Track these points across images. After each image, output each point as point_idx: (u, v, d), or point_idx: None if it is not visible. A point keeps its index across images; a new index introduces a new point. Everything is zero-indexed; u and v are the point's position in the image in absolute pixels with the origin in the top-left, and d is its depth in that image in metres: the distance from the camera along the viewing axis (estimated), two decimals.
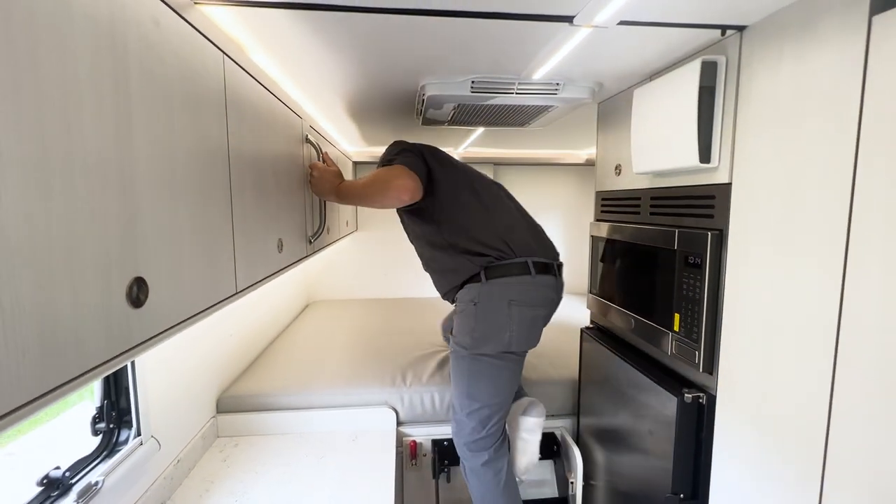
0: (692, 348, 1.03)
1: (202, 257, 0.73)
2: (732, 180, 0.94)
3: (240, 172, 0.92)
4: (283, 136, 1.28)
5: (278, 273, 1.19)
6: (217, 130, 0.81)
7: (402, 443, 1.64)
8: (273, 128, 1.18)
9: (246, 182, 0.96)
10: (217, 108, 0.81)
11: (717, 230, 0.98)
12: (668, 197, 1.16)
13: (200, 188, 0.73)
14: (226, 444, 1.53)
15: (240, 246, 0.90)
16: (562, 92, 1.29)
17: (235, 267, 0.88)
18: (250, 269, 0.97)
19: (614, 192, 1.46)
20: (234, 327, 1.82)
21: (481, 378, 1.32)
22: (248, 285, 0.94)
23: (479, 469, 1.36)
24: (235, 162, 0.89)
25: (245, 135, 0.96)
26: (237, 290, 0.88)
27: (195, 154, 0.72)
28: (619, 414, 1.37)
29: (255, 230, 1.02)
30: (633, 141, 1.21)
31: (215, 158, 0.80)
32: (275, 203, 1.18)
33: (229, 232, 0.85)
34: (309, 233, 1.55)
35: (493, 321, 1.31)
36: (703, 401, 1.03)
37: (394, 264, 3.27)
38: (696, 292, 1.02)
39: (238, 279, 0.89)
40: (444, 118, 1.58)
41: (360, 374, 1.78)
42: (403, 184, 1.30)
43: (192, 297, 0.69)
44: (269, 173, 1.13)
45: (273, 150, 1.18)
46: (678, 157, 1.03)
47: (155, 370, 1.23)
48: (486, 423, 1.33)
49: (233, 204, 0.87)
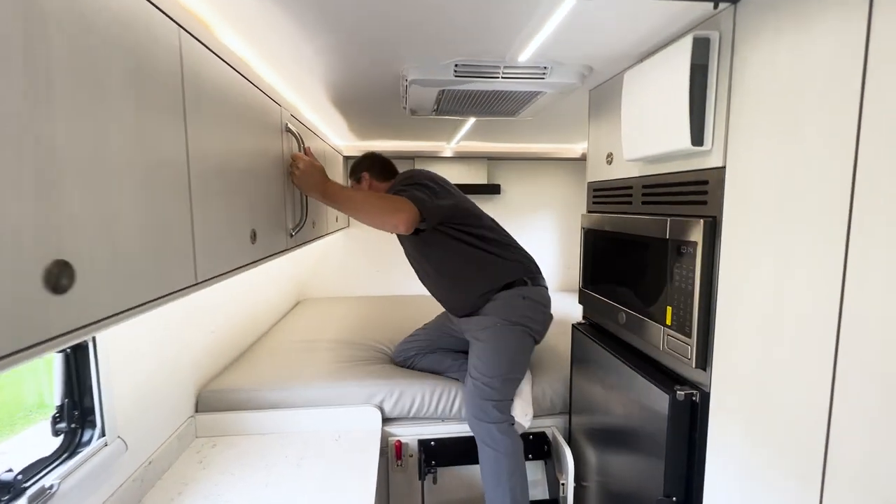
0: (685, 343, 0.98)
1: (148, 243, 0.68)
2: (726, 164, 0.89)
3: (202, 157, 0.86)
4: (259, 123, 1.22)
5: (251, 265, 1.13)
6: (169, 110, 0.75)
7: (387, 443, 1.58)
8: (245, 114, 1.12)
9: (210, 168, 0.90)
10: (169, 86, 0.75)
11: (710, 217, 0.92)
12: (659, 185, 1.11)
13: (147, 170, 0.68)
14: (204, 444, 1.47)
15: (201, 234, 0.85)
16: (550, 76, 1.24)
17: (195, 256, 0.82)
18: (215, 260, 0.91)
19: (606, 183, 1.40)
20: (217, 323, 1.77)
21: (523, 352, 1.57)
22: (210, 276, 0.88)
23: (508, 430, 1.46)
24: (196, 146, 0.83)
25: (208, 118, 0.90)
26: (197, 281, 0.82)
27: (137, 133, 0.66)
28: (611, 412, 1.32)
29: (221, 219, 0.96)
30: (624, 126, 1.15)
31: (166, 140, 0.74)
32: (247, 193, 1.12)
33: (187, 219, 0.80)
34: (290, 225, 1.49)
35: (537, 312, 1.59)
36: (696, 398, 0.98)
37: (386, 262, 3.21)
38: (688, 283, 0.96)
39: (198, 269, 0.83)
40: (430, 106, 1.52)
41: (347, 371, 1.73)
42: (406, 217, 1.42)
43: (134, 286, 0.64)
44: (241, 161, 1.07)
45: (245, 136, 1.12)
46: (669, 141, 0.98)
47: (124, 367, 1.17)
48: (513, 389, 1.54)
49: (192, 190, 0.81)
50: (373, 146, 2.85)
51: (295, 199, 1.53)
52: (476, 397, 1.48)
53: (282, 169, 1.41)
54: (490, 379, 1.50)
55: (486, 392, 1.48)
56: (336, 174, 2.56)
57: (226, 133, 1.00)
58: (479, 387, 1.49)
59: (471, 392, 1.50)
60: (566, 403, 1.66)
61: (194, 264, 0.82)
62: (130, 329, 1.20)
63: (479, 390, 1.48)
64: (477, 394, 1.48)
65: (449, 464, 1.61)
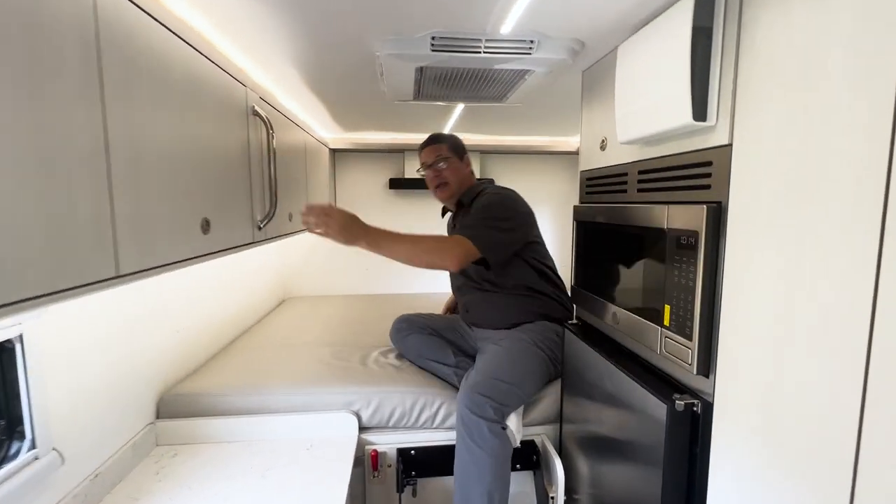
0: (685, 346, 0.86)
1: (41, 235, 0.56)
2: (733, 141, 0.77)
3: (130, 141, 0.75)
4: (217, 104, 1.11)
5: (203, 257, 1.02)
6: (77, 85, 0.64)
7: (364, 452, 1.47)
8: (198, 93, 1.01)
9: (143, 153, 0.79)
10: (75, 55, 0.64)
11: (714, 203, 0.81)
12: (657, 169, 0.99)
13: (41, 157, 0.57)
14: (164, 454, 1.36)
15: (127, 224, 0.73)
16: (537, 51, 1.13)
17: (116, 248, 0.71)
18: (147, 250, 0.80)
19: (599, 171, 1.29)
20: (185, 323, 1.65)
21: (538, 375, 1.51)
22: (140, 269, 0.77)
23: (500, 432, 1.35)
24: (121, 129, 0.72)
25: (141, 96, 0.79)
26: (119, 274, 0.71)
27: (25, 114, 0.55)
28: (604, 421, 1.20)
29: (160, 208, 0.85)
30: (618, 105, 1.04)
31: (72, 123, 0.63)
32: (200, 180, 1.01)
33: (105, 208, 0.69)
34: (258, 217, 1.38)
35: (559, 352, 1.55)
36: (697, 409, 0.86)
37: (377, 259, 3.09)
38: (689, 279, 0.85)
39: (121, 261, 0.72)
40: (410, 88, 1.41)
41: (324, 374, 1.61)
42: (460, 261, 1.47)
43: (19, 280, 0.53)
44: (191, 146, 0.96)
45: (198, 118, 1.01)
46: (668, 118, 0.86)
47: (64, 370, 1.06)
48: (514, 403, 1.43)
49: (112, 177, 0.70)
50: (361, 138, 2.73)
51: (263, 188, 1.42)
52: (474, 391, 1.37)
53: (247, 155, 1.30)
54: (496, 380, 1.40)
55: (488, 389, 1.38)
56: (321, 166, 2.45)
57: (169, 114, 0.89)
58: (482, 382, 1.39)
59: (471, 385, 1.39)
60: (557, 410, 1.55)
61: (115, 257, 0.71)
62: (72, 328, 1.09)
63: (481, 385, 1.38)
64: (477, 388, 1.37)
65: (430, 474, 1.49)
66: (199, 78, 1.02)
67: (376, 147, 2.79)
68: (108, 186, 0.70)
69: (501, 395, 1.39)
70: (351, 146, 2.76)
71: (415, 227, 3.02)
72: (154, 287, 1.48)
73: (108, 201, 0.70)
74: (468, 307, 1.75)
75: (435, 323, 1.83)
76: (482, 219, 1.52)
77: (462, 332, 1.81)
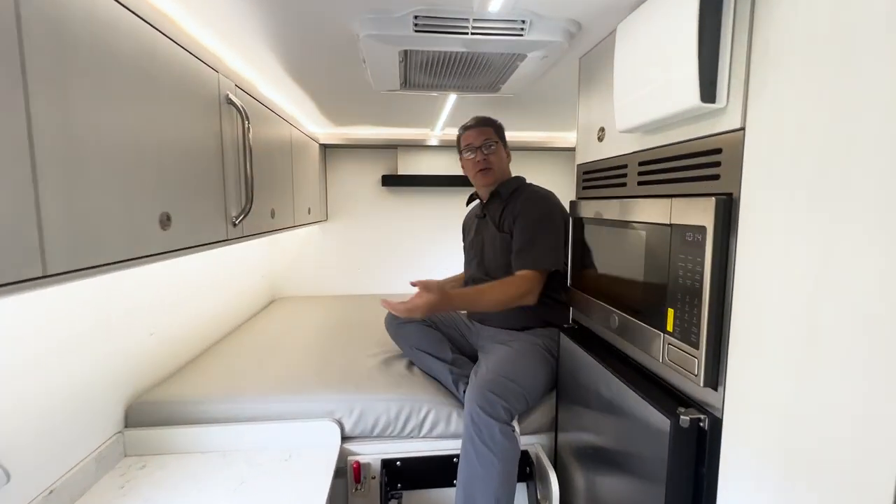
0: (690, 354, 0.78)
1: None
2: (746, 125, 0.69)
3: (62, 131, 0.67)
4: (181, 92, 1.02)
5: (162, 256, 0.93)
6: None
7: (346, 463, 1.38)
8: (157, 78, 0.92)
9: (81, 144, 0.71)
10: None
11: (724, 195, 0.72)
12: (660, 159, 0.91)
13: None
14: (132, 465, 1.27)
15: (57, 221, 0.65)
16: (529, 32, 1.04)
17: (42, 246, 0.62)
18: (87, 248, 0.71)
19: (596, 163, 1.20)
20: (163, 324, 1.57)
21: (544, 382, 1.43)
22: (76, 268, 0.68)
23: (511, 435, 1.28)
24: (49, 118, 0.64)
25: (79, 81, 0.71)
26: (46, 274, 0.62)
27: None
28: (602, 432, 1.12)
29: (105, 198, 0.76)
30: (617, 90, 0.95)
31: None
32: (156, 170, 0.92)
33: (29, 204, 0.60)
34: (233, 213, 1.30)
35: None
36: (704, 424, 0.78)
37: (369, 258, 3.01)
38: (695, 280, 0.76)
39: (48, 260, 0.63)
40: (396, 76, 1.32)
41: (306, 380, 1.53)
42: (536, 294, 1.47)
43: None
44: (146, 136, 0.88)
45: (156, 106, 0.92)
46: (673, 101, 0.78)
47: (13, 378, 0.97)
48: (520, 407, 1.36)
49: (37, 170, 0.62)
50: (352, 133, 2.65)
51: (239, 183, 1.33)
52: (486, 389, 1.28)
53: (220, 147, 1.21)
54: (508, 381, 1.33)
55: (501, 388, 1.30)
56: (310, 162, 2.36)
57: (117, 103, 0.80)
58: (495, 380, 1.31)
59: (483, 383, 1.30)
60: (551, 418, 1.46)
61: (41, 255, 0.62)
62: (21, 332, 1.00)
63: (494, 384, 1.30)
64: (489, 386, 1.29)
65: (417, 486, 1.41)
66: (157, 62, 0.93)
67: (368, 143, 2.70)
68: (32, 181, 0.61)
69: (513, 396, 1.32)
70: (342, 141, 2.67)
71: (407, 226, 2.98)
72: (128, 286, 1.40)
73: (33, 197, 0.61)
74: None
75: (434, 315, 1.74)
76: (534, 237, 1.48)
77: (462, 329, 1.73)
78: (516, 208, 1.56)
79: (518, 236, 1.51)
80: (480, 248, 1.68)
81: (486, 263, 1.64)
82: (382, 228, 2.99)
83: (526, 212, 1.53)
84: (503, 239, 1.57)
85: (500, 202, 1.62)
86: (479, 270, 1.68)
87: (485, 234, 1.66)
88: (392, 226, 3.00)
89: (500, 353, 1.43)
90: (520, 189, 1.62)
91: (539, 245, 1.47)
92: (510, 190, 1.62)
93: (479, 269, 1.68)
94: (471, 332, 1.70)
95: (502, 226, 1.58)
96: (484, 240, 1.66)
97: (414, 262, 3.01)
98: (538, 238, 1.48)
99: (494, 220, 1.62)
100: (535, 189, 1.64)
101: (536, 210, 1.53)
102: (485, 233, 1.66)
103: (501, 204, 1.61)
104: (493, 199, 1.65)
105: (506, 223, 1.57)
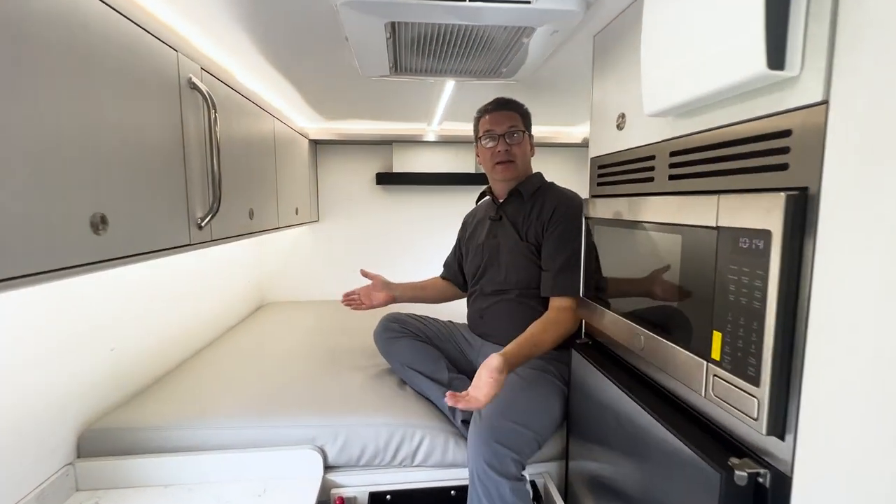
0: (746, 392, 0.61)
1: None
2: (829, 97, 0.52)
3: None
4: (126, 73, 0.86)
5: (95, 266, 0.77)
6: None
7: (328, 497, 1.22)
8: (86, 53, 0.76)
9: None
10: None
11: (796, 190, 0.56)
12: (700, 147, 0.74)
13: None
14: (83, 501, 1.11)
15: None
16: (538, 0, 0.87)
17: None
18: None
19: (616, 156, 1.04)
20: (126, 340, 1.40)
21: (557, 417, 1.25)
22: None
23: (523, 493, 1.10)
24: None
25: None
26: None
27: None
28: (624, 468, 0.95)
29: (16, 191, 0.60)
30: (645, 64, 0.79)
31: None
32: (90, 161, 0.76)
33: None
34: (199, 214, 1.14)
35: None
36: (765, 480, 0.62)
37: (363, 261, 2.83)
38: (754, 297, 0.60)
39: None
40: (384, 56, 1.15)
41: (285, 401, 1.36)
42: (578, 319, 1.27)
43: None
44: (66, 120, 0.71)
45: (86, 87, 0.76)
46: (726, 69, 0.61)
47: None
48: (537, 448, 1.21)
49: None
50: (344, 128, 2.48)
51: (205, 177, 1.17)
52: (492, 440, 1.09)
53: (180, 138, 1.05)
54: (518, 426, 1.14)
55: (510, 438, 1.12)
56: (298, 158, 2.20)
57: (38, 80, 0.65)
58: (502, 428, 1.12)
59: (488, 432, 1.11)
60: (562, 445, 1.30)
61: None
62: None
63: (501, 432, 1.11)
64: (496, 437, 1.10)
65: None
66: (94, 35, 0.77)
67: (361, 138, 2.54)
68: None
69: (524, 444, 1.14)
70: (333, 137, 2.50)
71: (403, 227, 2.81)
72: (86, 297, 1.24)
73: None
74: (483, 314, 1.48)
75: (429, 328, 1.57)
76: (575, 257, 1.24)
77: (461, 345, 1.55)
78: (544, 215, 1.34)
79: (555, 254, 1.30)
80: (494, 254, 1.45)
81: (502, 275, 1.42)
82: (377, 230, 2.82)
83: (562, 225, 1.31)
84: (527, 249, 1.36)
85: (519, 203, 1.42)
86: (489, 281, 1.46)
87: (501, 239, 1.44)
88: (387, 227, 2.83)
89: (506, 388, 1.15)
90: (542, 189, 1.41)
91: (580, 269, 1.22)
92: (532, 190, 1.41)
93: (488, 279, 1.47)
94: (471, 349, 1.52)
95: (526, 234, 1.37)
96: (500, 246, 1.44)
97: (410, 266, 2.84)
98: (580, 261, 1.22)
99: (516, 226, 1.40)
100: (563, 192, 1.42)
101: (574, 225, 1.27)
102: (501, 237, 1.44)
103: (522, 206, 1.41)
104: (512, 198, 1.44)
105: (531, 232, 1.36)
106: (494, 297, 1.45)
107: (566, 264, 1.28)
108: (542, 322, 1.25)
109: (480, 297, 1.50)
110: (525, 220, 1.38)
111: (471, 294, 1.57)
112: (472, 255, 1.54)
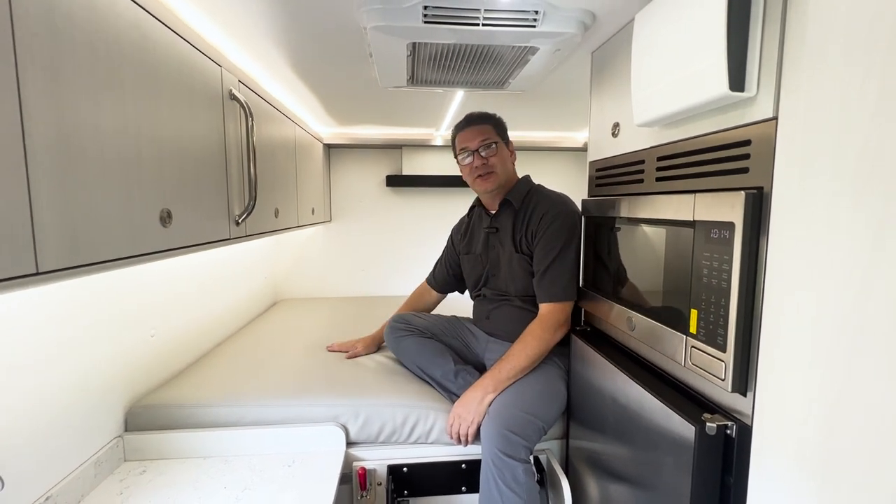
0: (716, 358, 0.74)
1: None
2: (778, 114, 0.65)
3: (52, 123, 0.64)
4: (180, 84, 0.99)
5: (162, 254, 0.90)
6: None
7: (351, 469, 1.34)
8: (154, 71, 0.89)
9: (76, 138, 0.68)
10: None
11: (754, 189, 0.68)
12: (681, 153, 0.87)
13: None
14: (131, 470, 1.24)
15: (50, 218, 0.62)
16: (542, 23, 1.00)
17: (35, 243, 0.59)
18: (81, 246, 0.68)
19: (611, 160, 1.16)
20: (164, 326, 1.53)
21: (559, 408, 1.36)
22: (69, 266, 0.65)
23: (531, 473, 1.22)
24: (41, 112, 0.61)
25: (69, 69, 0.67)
26: (38, 272, 0.59)
27: None
28: (618, 439, 1.07)
29: (101, 195, 0.73)
30: (634, 81, 0.91)
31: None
32: (156, 163, 0.89)
33: (22, 201, 0.57)
34: (236, 211, 1.26)
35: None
36: (731, 432, 0.74)
37: (374, 259, 2.98)
38: (722, 278, 0.72)
39: (41, 258, 0.60)
40: (403, 70, 1.28)
41: (310, 384, 1.49)
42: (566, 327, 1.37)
43: None
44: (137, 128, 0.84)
45: (154, 100, 0.89)
46: (697, 90, 0.74)
47: (13, 380, 0.94)
48: (544, 434, 1.32)
49: (29, 167, 0.59)
50: (356, 133, 2.62)
51: (242, 181, 1.30)
52: (506, 429, 1.21)
53: (223, 143, 1.18)
54: (528, 416, 1.25)
55: (521, 426, 1.23)
56: (314, 162, 2.33)
57: (115, 100, 0.78)
58: (513, 417, 1.23)
59: (501, 421, 1.22)
60: (563, 425, 1.42)
61: (34, 253, 0.59)
62: (17, 334, 0.97)
63: (512, 422, 1.22)
64: (508, 426, 1.21)
65: (425, 493, 1.37)
66: (158, 54, 0.90)
67: (373, 143, 2.67)
68: (24, 178, 0.58)
69: (533, 432, 1.25)
70: (346, 141, 2.64)
71: (412, 227, 2.94)
72: (130, 286, 1.36)
73: (25, 192, 0.58)
74: (490, 314, 1.57)
75: (435, 326, 1.66)
76: (562, 263, 1.34)
77: (467, 339, 1.64)
78: (532, 225, 1.41)
79: (542, 260, 1.36)
80: (495, 264, 1.53)
81: (503, 284, 1.51)
82: (387, 229, 2.95)
83: (549, 231, 1.37)
84: (521, 261, 1.43)
85: (511, 213, 1.48)
86: (491, 289, 1.56)
87: (500, 251, 1.50)
88: (397, 227, 2.96)
89: (541, 388, 1.32)
90: (531, 195, 1.47)
91: (567, 271, 1.34)
92: (521, 197, 1.47)
93: (490, 287, 1.56)
94: (477, 342, 1.61)
95: (520, 245, 1.44)
96: (500, 258, 1.51)
97: (418, 264, 2.96)
98: (566, 262, 1.34)
99: (510, 237, 1.46)
100: (548, 197, 1.47)
101: (563, 231, 1.36)
102: (500, 250, 1.50)
103: (515, 216, 1.47)
104: (504, 209, 1.50)
105: (523, 243, 1.43)
106: (498, 301, 1.54)
107: (549, 270, 1.35)
108: (520, 342, 1.35)
109: (485, 300, 1.59)
110: (517, 230, 1.45)
111: (475, 296, 1.66)
112: (472, 266, 1.61)
